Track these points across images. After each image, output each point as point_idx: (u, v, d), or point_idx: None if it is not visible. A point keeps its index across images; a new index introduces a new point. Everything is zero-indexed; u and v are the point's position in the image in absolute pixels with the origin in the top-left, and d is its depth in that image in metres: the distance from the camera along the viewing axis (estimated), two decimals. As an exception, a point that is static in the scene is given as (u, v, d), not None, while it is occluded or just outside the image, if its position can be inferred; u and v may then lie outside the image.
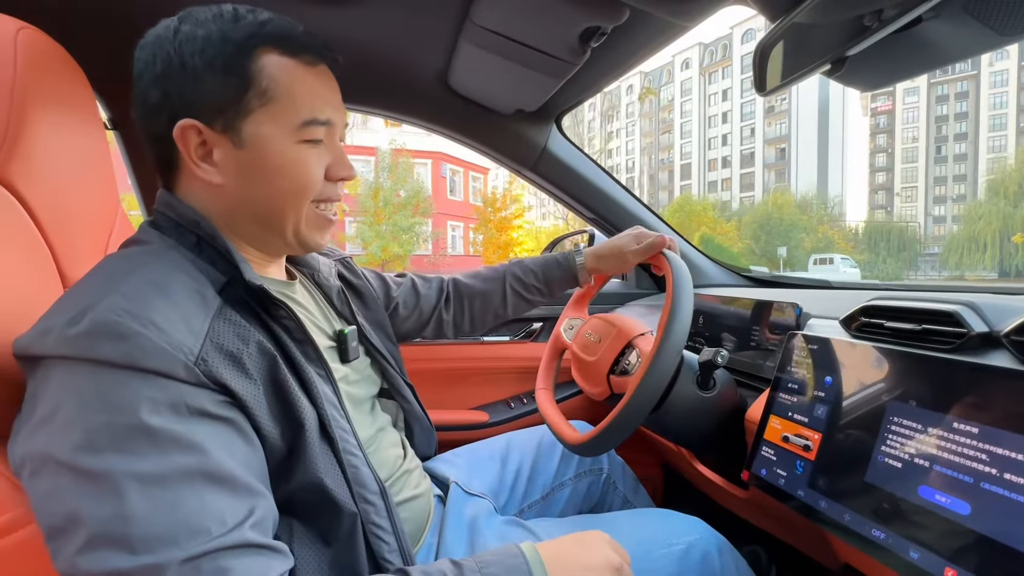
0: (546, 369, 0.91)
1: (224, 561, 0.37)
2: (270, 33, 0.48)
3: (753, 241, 29.77)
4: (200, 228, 0.49)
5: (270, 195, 0.51)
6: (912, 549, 0.49)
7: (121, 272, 0.43)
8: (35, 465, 0.38)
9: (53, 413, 0.38)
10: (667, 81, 57.10)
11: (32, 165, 0.53)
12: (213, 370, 0.41)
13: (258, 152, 0.49)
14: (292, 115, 0.49)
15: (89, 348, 0.38)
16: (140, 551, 0.35)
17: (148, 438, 0.37)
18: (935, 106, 48.19)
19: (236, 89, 0.47)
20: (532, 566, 0.45)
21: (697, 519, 0.71)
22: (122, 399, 0.38)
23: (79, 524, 0.36)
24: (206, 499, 0.38)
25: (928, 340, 0.59)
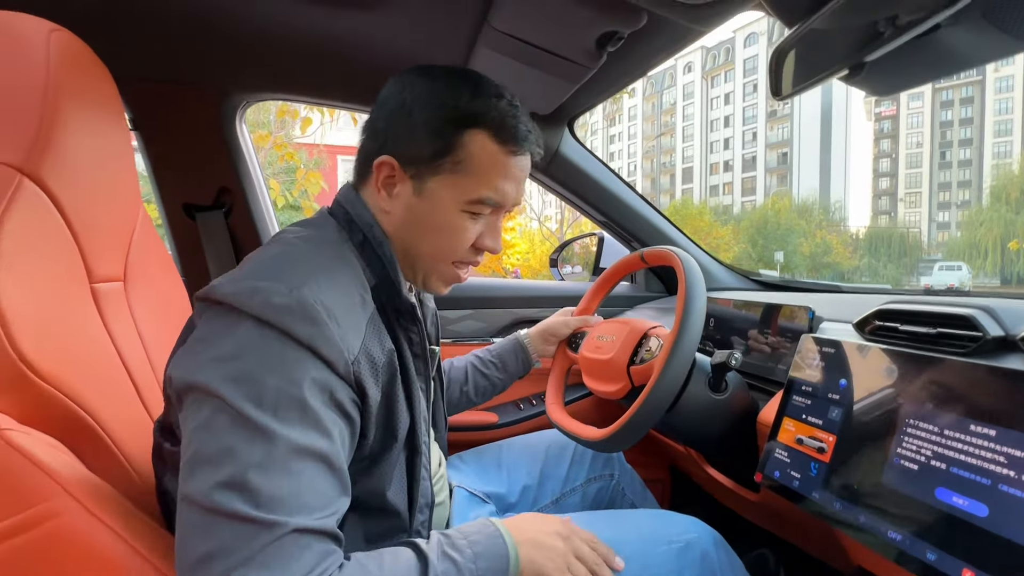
0: (555, 386, 0.92)
1: (311, 540, 0.42)
2: (487, 117, 0.53)
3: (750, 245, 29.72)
4: (372, 232, 0.55)
5: (421, 243, 0.57)
6: (929, 551, 0.49)
7: (311, 258, 0.50)
8: (202, 395, 0.43)
9: (231, 358, 0.43)
10: (670, 84, 57.17)
11: (63, 165, 0.54)
12: (359, 373, 0.48)
13: (429, 207, 0.55)
14: (471, 190, 0.54)
15: (286, 321, 0.44)
16: (262, 507, 0.40)
17: (302, 412, 0.43)
18: (940, 111, 48.15)
19: (437, 152, 0.53)
20: (500, 529, 0.52)
21: (694, 518, 0.72)
22: (294, 372, 0.43)
23: (227, 462, 0.40)
24: (320, 481, 0.43)
25: (943, 344, 0.59)
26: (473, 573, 0.48)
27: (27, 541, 0.42)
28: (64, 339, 0.52)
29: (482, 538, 0.51)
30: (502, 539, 0.52)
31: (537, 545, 0.53)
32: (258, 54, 0.97)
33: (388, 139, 0.54)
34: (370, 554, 0.48)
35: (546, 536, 0.54)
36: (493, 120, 0.53)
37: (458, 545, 0.50)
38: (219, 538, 0.39)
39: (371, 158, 0.55)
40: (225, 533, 0.39)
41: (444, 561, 0.48)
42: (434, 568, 0.47)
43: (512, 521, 0.56)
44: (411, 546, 0.50)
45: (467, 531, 0.52)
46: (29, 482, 0.43)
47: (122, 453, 0.55)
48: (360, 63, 0.99)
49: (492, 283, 1.41)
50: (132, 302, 0.66)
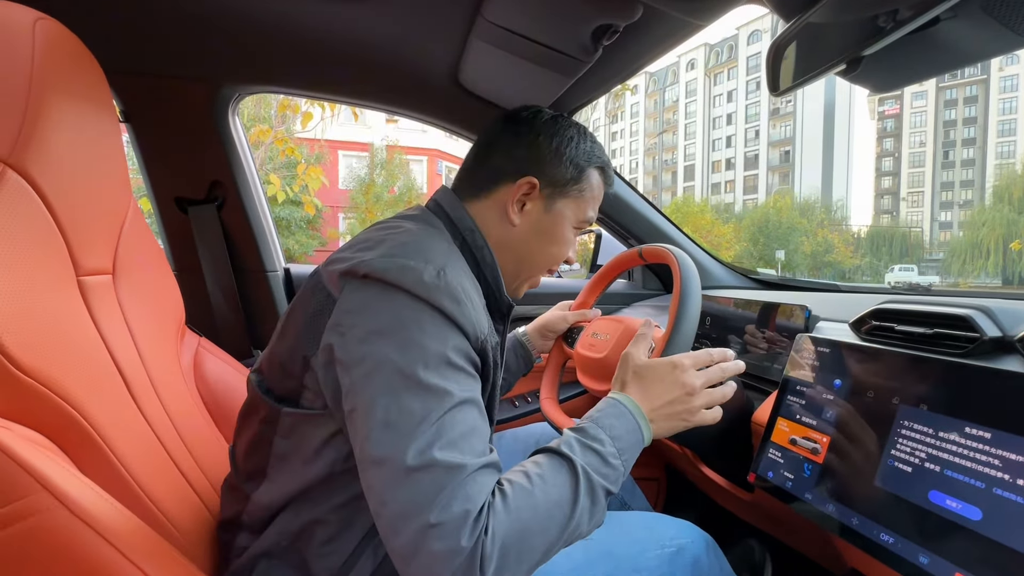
0: (550, 380, 0.92)
1: (486, 475, 0.47)
2: (602, 162, 0.70)
3: (751, 244, 29.63)
4: (473, 236, 0.63)
5: (539, 251, 0.68)
6: (921, 554, 0.48)
7: (450, 254, 0.57)
8: (372, 365, 0.48)
9: (393, 329, 0.49)
10: (672, 81, 56.96)
11: (48, 156, 0.53)
12: (485, 347, 0.54)
13: (555, 221, 0.67)
14: (583, 212, 0.69)
15: (437, 297, 0.50)
16: (447, 450, 0.46)
17: (456, 371, 0.50)
18: (943, 110, 47.96)
19: (569, 180, 0.67)
20: (631, 409, 0.58)
21: (688, 522, 0.72)
22: (446, 339, 0.50)
23: (411, 420, 0.46)
24: (479, 425, 0.50)
25: (940, 344, 0.59)
26: (616, 456, 0.54)
27: (5, 537, 0.41)
28: (49, 333, 0.51)
29: (614, 420, 0.56)
30: (632, 418, 0.57)
31: (668, 416, 0.59)
32: (250, 46, 0.96)
33: (531, 164, 0.65)
34: (516, 471, 0.51)
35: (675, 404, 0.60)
36: (603, 163, 0.70)
37: (594, 435, 0.54)
38: (418, 487, 0.44)
39: (508, 176, 0.65)
40: (422, 482, 0.45)
41: (586, 454, 0.52)
42: (578, 461, 0.51)
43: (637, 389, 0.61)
44: (547, 450, 0.53)
45: (597, 416, 0.57)
46: (8, 478, 0.42)
47: (110, 448, 0.54)
48: (353, 55, 0.97)
49: None
50: (121, 295, 0.66)
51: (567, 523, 0.49)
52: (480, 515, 0.45)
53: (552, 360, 0.95)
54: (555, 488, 0.49)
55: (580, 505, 0.50)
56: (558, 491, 0.49)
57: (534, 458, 0.53)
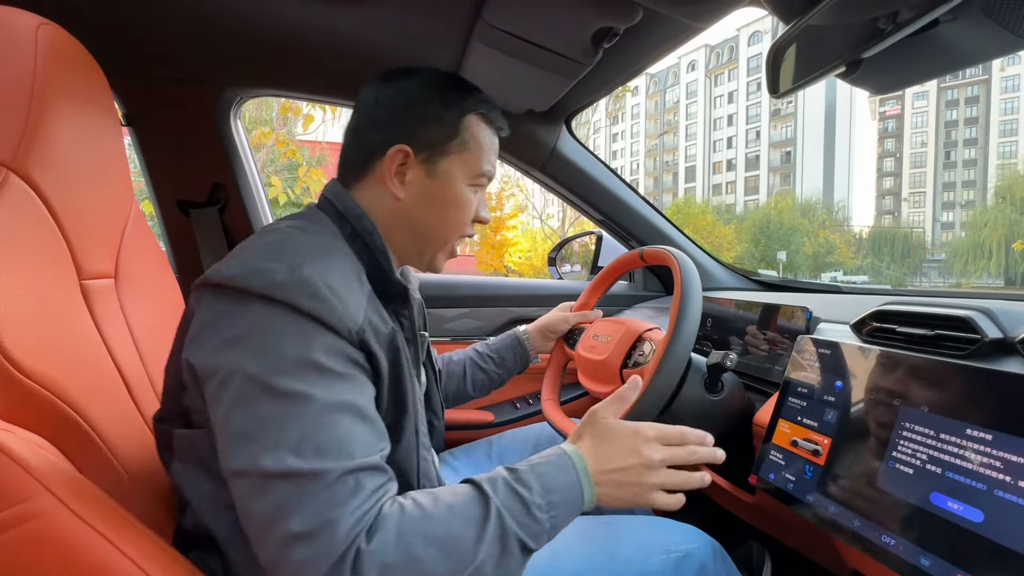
0: (551, 381, 0.92)
1: (359, 478, 0.45)
2: (484, 104, 0.63)
3: (753, 245, 29.61)
4: (361, 223, 0.58)
5: (438, 219, 0.63)
6: (923, 556, 0.48)
7: (314, 247, 0.52)
8: (226, 376, 0.45)
9: (246, 337, 0.46)
10: (673, 83, 56.99)
11: (51, 160, 0.53)
12: (366, 340, 0.50)
13: (443, 184, 0.62)
14: (475, 166, 0.63)
15: (292, 296, 0.47)
16: (309, 459, 0.43)
17: (321, 373, 0.46)
18: (945, 111, 47.90)
19: (445, 136, 0.61)
20: (576, 464, 0.52)
21: (694, 528, 0.72)
22: (308, 340, 0.47)
23: (266, 429, 0.44)
24: (355, 428, 0.46)
25: (941, 346, 0.59)
26: (543, 509, 0.48)
27: (7, 540, 0.41)
28: (51, 336, 0.51)
29: (552, 470, 0.51)
30: (575, 473, 0.51)
31: (617, 484, 0.52)
32: (252, 50, 0.97)
33: (397, 131, 0.60)
34: (425, 493, 0.49)
35: (627, 472, 0.53)
36: (483, 106, 0.63)
37: (524, 480, 0.49)
38: (277, 497, 0.42)
39: (378, 150, 0.60)
40: (281, 491, 0.42)
41: (507, 496, 0.48)
42: (494, 502, 0.47)
43: (589, 446, 0.54)
44: (470, 482, 0.50)
45: (536, 462, 0.52)
46: (10, 481, 0.42)
47: (111, 452, 0.54)
48: (354, 59, 0.98)
49: (488, 281, 1.40)
50: (123, 299, 0.66)
51: (465, 564, 0.44)
52: (355, 523, 0.42)
53: (553, 361, 0.95)
54: (460, 522, 0.46)
55: (484, 549, 0.45)
56: (462, 526, 0.45)
57: (454, 486, 0.50)
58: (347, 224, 0.58)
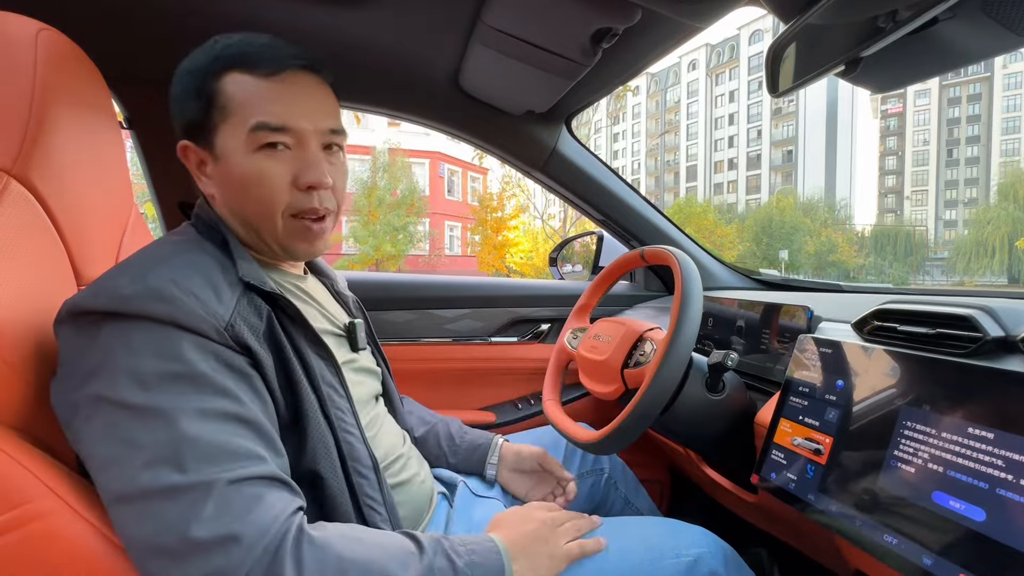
0: (552, 380, 0.92)
1: (259, 489, 0.42)
2: (230, 55, 0.53)
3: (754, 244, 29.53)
4: (219, 228, 0.56)
5: (245, 204, 0.56)
6: (925, 556, 0.48)
7: (166, 253, 0.50)
8: (89, 409, 0.43)
9: (103, 363, 0.43)
10: (674, 82, 56.94)
11: (51, 165, 0.53)
12: (240, 335, 0.48)
13: (226, 164, 0.54)
14: (242, 124, 0.52)
15: (140, 306, 0.44)
16: (190, 470, 0.40)
17: (191, 381, 0.43)
18: (947, 108, 47.75)
19: (203, 110, 0.53)
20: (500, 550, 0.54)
21: (707, 531, 0.71)
22: (168, 349, 0.44)
23: (136, 449, 0.41)
24: (239, 437, 0.44)
25: (942, 344, 0.58)
26: None
27: (12, 541, 0.42)
28: (48, 342, 0.51)
29: (480, 550, 0.53)
30: (499, 555, 0.54)
31: (530, 554, 0.57)
32: None
33: (178, 127, 0.56)
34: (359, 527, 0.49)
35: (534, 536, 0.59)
36: (233, 58, 0.53)
37: (457, 550, 0.51)
38: (160, 515, 0.40)
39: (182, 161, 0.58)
40: (164, 508, 0.40)
41: (441, 558, 0.49)
42: (428, 556, 0.48)
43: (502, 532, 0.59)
44: (406, 534, 0.51)
45: (466, 540, 0.54)
46: (13, 483, 0.42)
47: None
48: (352, 61, 0.98)
49: (489, 282, 1.40)
50: None
51: None
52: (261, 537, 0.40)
53: (554, 362, 0.95)
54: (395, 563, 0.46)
55: None
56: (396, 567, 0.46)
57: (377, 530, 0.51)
58: (217, 233, 0.55)
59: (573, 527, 0.64)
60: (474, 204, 19.65)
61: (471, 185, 23.28)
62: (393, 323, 1.24)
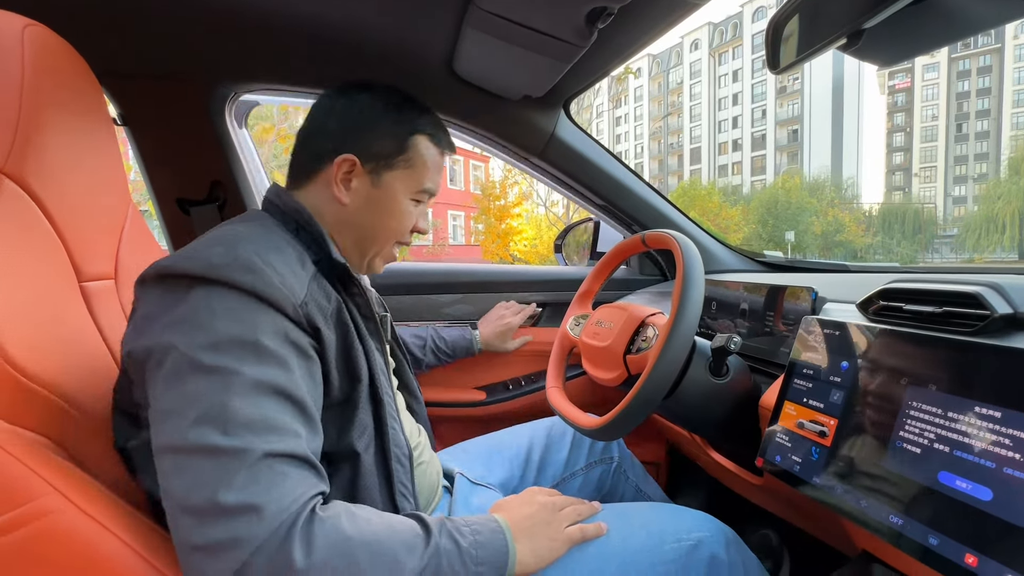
0: (555, 368, 0.92)
1: (288, 467, 0.45)
2: (431, 124, 0.68)
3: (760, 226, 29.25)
4: (300, 216, 0.61)
5: (377, 226, 0.67)
6: (931, 535, 0.48)
7: (246, 233, 0.54)
8: (161, 355, 0.46)
9: (185, 318, 0.46)
10: (676, 63, 56.07)
11: (44, 163, 0.53)
12: (310, 314, 0.52)
13: (386, 195, 0.66)
14: (417, 182, 0.67)
15: (228, 273, 0.48)
16: (231, 434, 0.43)
17: (256, 352, 0.46)
18: (956, 82, 46.77)
19: (393, 151, 0.65)
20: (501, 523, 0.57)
21: (708, 515, 0.72)
22: (244, 319, 0.47)
23: (190, 405, 0.44)
24: (284, 412, 0.46)
25: (949, 323, 0.58)
26: (475, 561, 0.51)
27: (16, 539, 0.42)
28: (52, 340, 0.52)
29: (485, 531, 0.54)
30: (503, 536, 0.55)
31: (532, 535, 0.58)
32: (242, 44, 0.96)
33: (347, 141, 0.63)
34: (369, 508, 0.50)
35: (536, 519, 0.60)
36: (432, 128, 0.68)
37: (462, 531, 0.52)
38: (196, 472, 0.42)
39: (327, 157, 0.64)
40: (201, 466, 0.42)
41: (447, 539, 0.50)
42: (435, 539, 0.49)
43: (507, 512, 0.60)
44: (414, 516, 0.52)
45: (471, 521, 0.55)
46: (18, 481, 0.43)
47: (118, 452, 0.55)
48: (345, 49, 0.97)
49: (484, 268, 1.42)
50: (125, 300, 0.66)
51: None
52: (280, 512, 0.42)
53: (557, 349, 0.94)
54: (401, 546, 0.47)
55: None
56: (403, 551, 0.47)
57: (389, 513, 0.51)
58: (291, 221, 0.61)
59: (573, 511, 0.65)
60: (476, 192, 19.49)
61: (473, 174, 23.17)
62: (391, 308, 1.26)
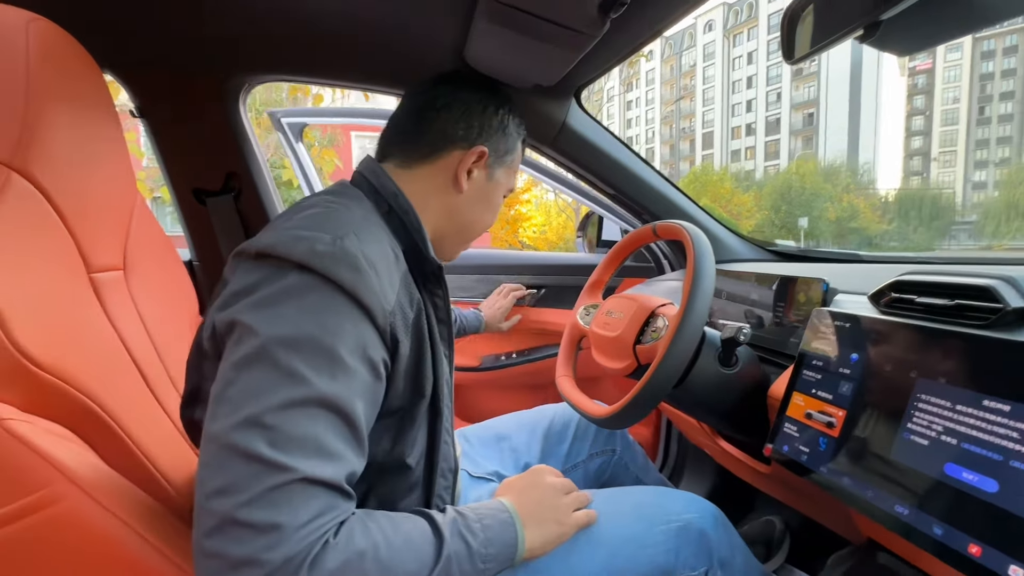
0: (565, 357, 0.92)
1: (320, 491, 0.42)
2: (525, 132, 0.74)
3: (773, 212, 28.76)
4: (397, 201, 0.59)
5: (477, 219, 0.69)
6: (936, 525, 0.49)
7: (348, 219, 0.51)
8: (242, 332, 0.44)
9: (274, 302, 0.44)
10: (689, 45, 54.90)
11: (51, 156, 0.53)
12: (395, 325, 0.50)
13: (494, 189, 0.70)
14: (512, 181, 0.73)
15: (331, 267, 0.45)
16: (277, 448, 0.41)
17: (331, 363, 0.44)
18: (980, 63, 45.30)
19: (509, 150, 0.70)
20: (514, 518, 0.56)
21: (696, 496, 0.73)
22: (328, 322, 0.44)
23: (251, 401, 0.41)
24: (338, 435, 0.44)
25: (961, 316, 0.57)
26: (483, 559, 0.50)
27: (28, 526, 0.43)
28: (64, 330, 0.52)
29: (495, 524, 0.54)
30: (514, 528, 0.55)
31: (539, 520, 0.58)
32: (254, 35, 0.96)
33: (483, 133, 0.66)
34: (384, 512, 0.48)
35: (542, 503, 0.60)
36: (525, 136, 0.74)
37: (472, 528, 0.51)
38: (232, 474, 0.40)
39: (457, 144, 0.64)
40: (239, 470, 0.40)
41: (458, 541, 0.49)
42: (448, 546, 0.48)
43: (513, 496, 0.60)
44: (427, 518, 0.51)
45: (481, 513, 0.54)
46: (29, 469, 0.43)
47: (131, 439, 0.55)
48: (358, 39, 0.97)
49: (482, 253, 1.47)
50: (133, 290, 0.67)
51: None
52: (304, 538, 0.40)
53: (567, 339, 0.95)
54: (413, 558, 0.46)
55: None
56: (415, 564, 0.46)
57: (411, 517, 0.50)
58: (383, 202, 0.59)
59: (576, 498, 0.65)
60: (486, 179, 19.21)
61: (482, 160, 22.96)
62: None
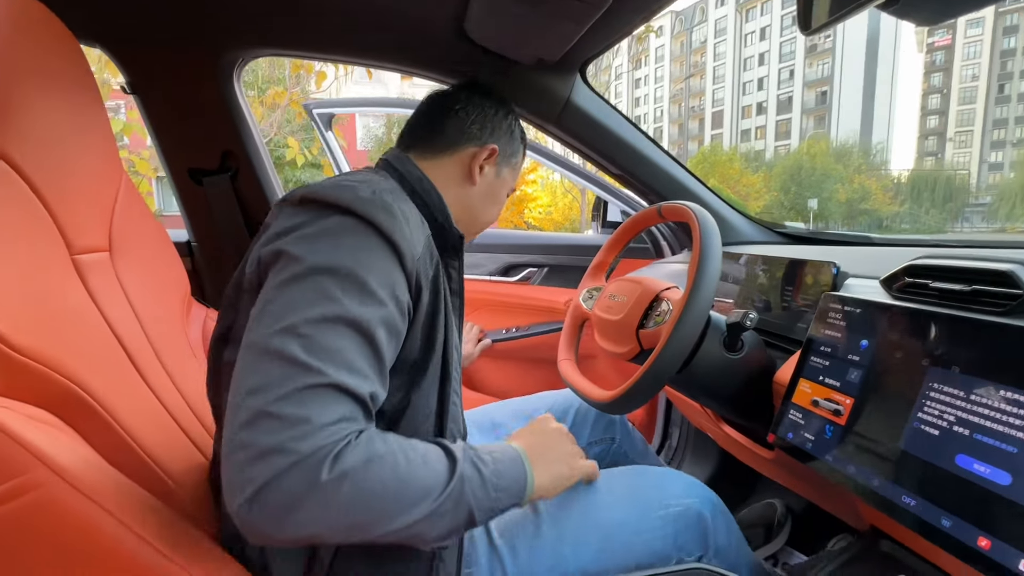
0: (567, 340, 0.91)
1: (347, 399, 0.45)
2: (526, 143, 0.81)
3: (782, 193, 28.31)
4: (422, 184, 0.64)
5: (483, 213, 0.75)
6: (944, 517, 0.48)
7: (382, 182, 0.57)
8: (286, 261, 0.48)
9: (317, 236, 0.49)
10: (700, 20, 53.47)
11: (27, 135, 0.52)
12: (419, 272, 0.54)
13: (501, 186, 0.76)
14: (515, 180, 0.79)
15: (371, 211, 0.50)
16: (312, 354, 0.44)
17: (361, 291, 0.48)
18: (1002, 39, 43.87)
19: (515, 152, 0.77)
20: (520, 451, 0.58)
21: (694, 480, 0.72)
22: (366, 258, 0.49)
23: (290, 313, 0.46)
24: (364, 356, 0.47)
25: (978, 302, 0.55)
26: (495, 488, 0.52)
27: (11, 511, 0.42)
28: (44, 313, 0.51)
29: (505, 459, 0.56)
30: (523, 465, 0.57)
31: (547, 461, 0.60)
32: (247, 8, 0.93)
33: (496, 134, 0.72)
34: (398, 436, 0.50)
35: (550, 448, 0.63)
36: (525, 144, 0.80)
37: (484, 459, 0.53)
38: (268, 375, 0.44)
39: (475, 141, 0.71)
40: (274, 371, 0.44)
41: (470, 467, 0.51)
42: (461, 467, 0.50)
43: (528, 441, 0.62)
44: (440, 445, 0.52)
45: (492, 449, 0.56)
46: (7, 454, 0.42)
47: (117, 421, 0.54)
48: (353, 11, 0.93)
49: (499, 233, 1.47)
50: (120, 272, 0.65)
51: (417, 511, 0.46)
52: (328, 436, 0.43)
53: (569, 322, 0.94)
54: (429, 472, 0.48)
55: (440, 503, 0.47)
56: (431, 477, 0.48)
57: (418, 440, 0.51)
58: (407, 184, 0.64)
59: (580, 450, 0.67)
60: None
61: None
62: None
